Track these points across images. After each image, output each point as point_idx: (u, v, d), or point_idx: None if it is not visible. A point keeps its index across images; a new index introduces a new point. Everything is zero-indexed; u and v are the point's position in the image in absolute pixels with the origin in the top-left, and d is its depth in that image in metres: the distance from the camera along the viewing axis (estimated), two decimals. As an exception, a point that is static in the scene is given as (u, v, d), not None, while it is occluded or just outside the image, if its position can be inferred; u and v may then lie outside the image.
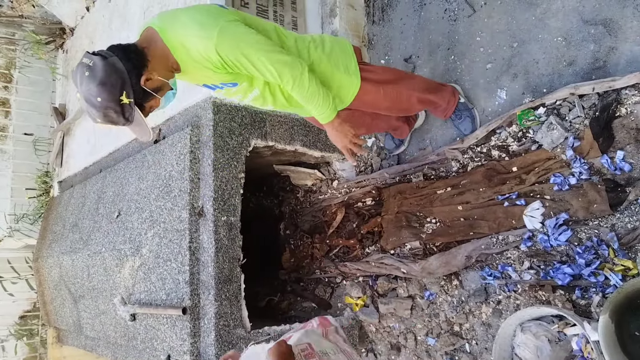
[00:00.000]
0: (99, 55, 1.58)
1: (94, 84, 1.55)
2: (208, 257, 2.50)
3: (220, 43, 1.65)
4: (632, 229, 2.11)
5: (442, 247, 2.80)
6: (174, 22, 1.70)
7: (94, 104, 1.58)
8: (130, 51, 1.65)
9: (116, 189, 3.28)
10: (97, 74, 1.55)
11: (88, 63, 1.56)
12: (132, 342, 2.89)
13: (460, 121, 2.78)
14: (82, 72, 1.57)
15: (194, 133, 2.65)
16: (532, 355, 2.18)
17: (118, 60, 1.59)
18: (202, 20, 1.68)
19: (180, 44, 1.70)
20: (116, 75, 1.57)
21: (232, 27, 1.68)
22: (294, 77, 1.78)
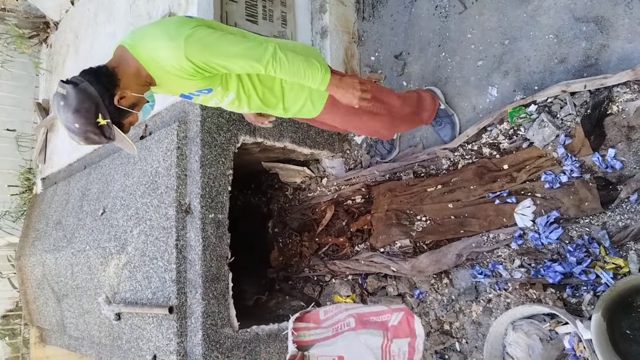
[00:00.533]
0: (71, 84, 1.63)
1: (69, 112, 1.61)
2: (195, 255, 2.45)
3: (188, 49, 1.68)
4: (623, 227, 2.11)
5: (432, 245, 2.78)
6: (143, 37, 1.74)
7: (73, 130, 1.64)
8: (101, 74, 1.69)
9: (101, 186, 3.21)
10: (71, 102, 1.60)
11: (62, 92, 1.62)
12: (117, 342, 2.83)
13: (440, 127, 2.77)
14: (57, 102, 1.63)
15: (181, 129, 2.60)
16: (524, 353, 2.16)
17: (89, 84, 1.63)
18: (168, 32, 1.71)
19: (151, 58, 1.73)
20: (89, 101, 1.62)
21: (198, 32, 1.71)
22: (271, 56, 1.78)
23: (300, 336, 1.87)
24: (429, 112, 2.68)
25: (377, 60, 3.30)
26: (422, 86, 2.99)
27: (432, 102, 2.72)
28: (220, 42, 1.74)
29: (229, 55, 1.75)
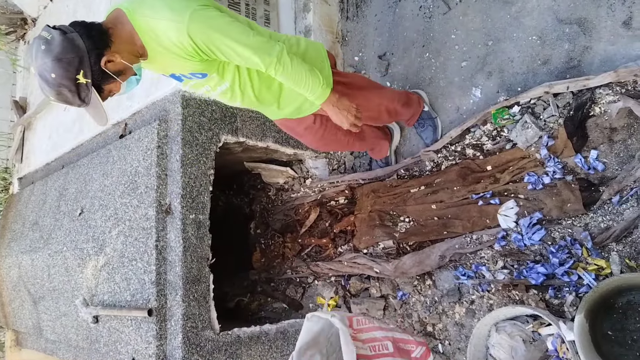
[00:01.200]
0: (58, 30, 1.48)
1: (49, 58, 1.46)
2: (175, 257, 2.40)
3: (192, 27, 1.56)
4: (605, 229, 2.12)
5: (415, 247, 2.76)
6: (143, 4, 1.60)
7: (47, 80, 1.49)
8: (93, 29, 1.55)
9: (79, 186, 3.14)
10: (53, 48, 1.46)
11: (46, 36, 1.47)
12: (95, 345, 2.76)
13: (422, 129, 2.76)
14: (38, 45, 1.47)
15: (161, 127, 2.55)
16: (507, 355, 2.16)
17: (78, 36, 1.49)
18: (172, 5, 1.58)
19: (149, 28, 1.60)
20: (74, 52, 1.48)
21: (205, 11, 1.60)
22: (276, 57, 1.70)
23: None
24: (414, 108, 2.67)
25: (361, 60, 3.28)
26: (405, 87, 2.98)
27: (417, 102, 2.71)
28: (229, 27, 1.63)
29: (234, 43, 1.64)
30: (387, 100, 2.48)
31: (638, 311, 1.90)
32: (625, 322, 1.92)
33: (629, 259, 2.02)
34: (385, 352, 1.99)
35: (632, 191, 2.05)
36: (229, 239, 3.76)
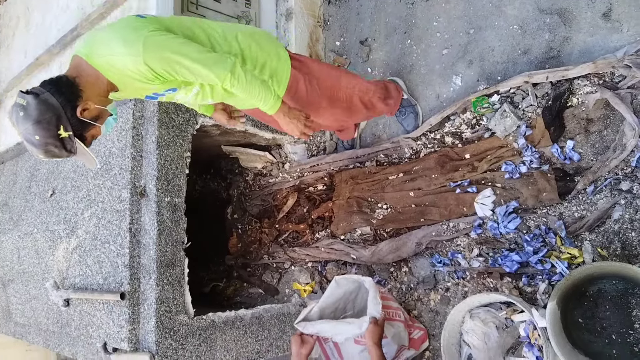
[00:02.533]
0: (31, 94, 1.56)
1: (29, 123, 1.54)
2: (150, 240, 2.36)
3: (147, 56, 1.62)
4: (579, 218, 2.15)
5: (392, 233, 2.77)
6: (97, 44, 1.67)
7: (33, 142, 1.57)
8: (62, 84, 1.63)
9: (51, 166, 3.05)
10: (31, 112, 1.54)
11: (22, 103, 1.56)
12: (66, 329, 2.71)
13: (403, 117, 2.76)
14: (17, 113, 1.56)
15: (137, 108, 2.48)
16: (480, 341, 2.18)
17: (50, 95, 1.57)
18: (124, 36, 1.64)
19: (110, 65, 1.67)
20: (50, 112, 1.56)
21: (156, 37, 1.65)
22: (230, 73, 1.77)
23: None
24: (394, 99, 2.66)
25: (343, 45, 3.25)
26: (386, 74, 2.96)
27: (396, 91, 2.70)
28: (182, 49, 1.69)
29: (188, 65, 1.70)
30: (360, 91, 2.43)
31: (608, 299, 1.94)
32: (596, 310, 1.95)
33: (601, 248, 2.06)
34: (398, 319, 2.37)
35: (606, 181, 2.08)
36: (205, 223, 3.72)
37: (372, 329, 2.01)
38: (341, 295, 2.38)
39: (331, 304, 2.37)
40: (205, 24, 1.93)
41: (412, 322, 2.53)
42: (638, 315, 1.88)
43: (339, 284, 2.33)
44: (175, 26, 1.80)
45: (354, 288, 2.35)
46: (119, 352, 2.35)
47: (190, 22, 1.88)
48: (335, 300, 2.38)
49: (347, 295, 2.39)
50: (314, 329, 2.17)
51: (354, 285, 2.34)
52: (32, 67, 3.43)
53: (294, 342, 2.20)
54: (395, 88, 2.71)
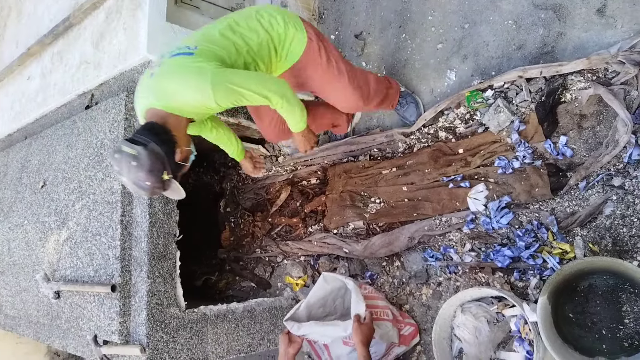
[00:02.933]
0: (140, 145, 1.73)
1: (142, 172, 1.72)
2: (141, 232, 2.34)
3: (217, 97, 1.83)
4: (571, 213, 2.15)
5: (385, 228, 2.77)
6: (168, 95, 1.87)
7: (142, 187, 1.77)
8: (161, 133, 1.82)
9: (42, 158, 3.03)
10: (143, 163, 1.72)
11: (132, 153, 1.72)
12: (56, 322, 2.69)
13: (404, 109, 2.74)
14: (128, 162, 1.72)
15: (129, 99, 2.47)
16: (471, 335, 2.19)
17: (156, 145, 1.76)
18: (191, 84, 1.83)
19: (186, 105, 1.89)
20: (159, 162, 1.76)
21: (218, 77, 1.83)
22: (283, 99, 1.98)
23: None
24: (394, 89, 2.67)
25: (337, 39, 3.24)
26: (381, 68, 2.95)
27: (395, 84, 2.69)
28: (242, 83, 1.88)
29: (250, 95, 1.91)
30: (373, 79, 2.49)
31: (599, 294, 1.94)
32: (586, 305, 1.96)
33: (592, 243, 2.07)
34: (385, 318, 2.38)
35: (599, 177, 2.09)
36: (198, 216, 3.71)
37: (356, 328, 2.03)
38: (329, 292, 2.38)
39: (319, 300, 2.37)
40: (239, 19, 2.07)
41: (403, 318, 2.53)
42: (628, 310, 1.88)
43: (327, 280, 2.34)
44: (220, 46, 1.97)
45: (343, 285, 2.36)
46: (110, 344, 2.34)
47: (230, 31, 2.02)
48: (324, 296, 2.38)
49: (335, 291, 2.40)
50: (301, 332, 2.17)
51: (341, 284, 2.36)
52: (24, 58, 3.39)
53: (281, 341, 2.21)
54: (395, 83, 2.71)
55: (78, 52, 2.91)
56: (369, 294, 2.45)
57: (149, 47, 2.41)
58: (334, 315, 2.46)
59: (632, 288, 1.88)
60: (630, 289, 1.88)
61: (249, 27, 2.05)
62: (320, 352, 2.57)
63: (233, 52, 1.99)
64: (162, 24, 2.50)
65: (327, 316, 2.45)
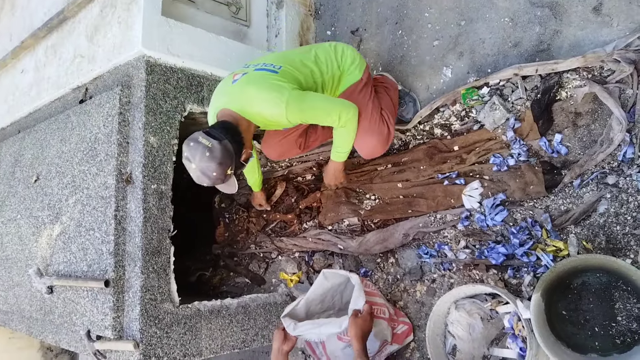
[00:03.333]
0: (216, 140, 1.93)
1: (214, 163, 1.93)
2: (135, 227, 2.33)
3: (289, 113, 2.07)
4: (565, 211, 2.16)
5: (380, 225, 2.77)
6: (245, 102, 2.12)
7: (209, 176, 1.97)
8: (234, 133, 2.04)
9: (35, 152, 3.01)
10: (216, 155, 1.93)
11: (207, 145, 1.92)
12: (49, 317, 2.68)
13: (402, 108, 2.74)
14: (202, 152, 1.92)
15: (124, 93, 2.45)
16: (465, 332, 2.20)
17: (229, 143, 1.97)
18: (268, 98, 2.08)
19: (258, 115, 2.14)
20: (229, 158, 1.97)
21: (294, 97, 2.07)
22: (347, 120, 2.22)
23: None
24: (394, 88, 2.69)
25: (333, 35, 3.23)
26: (377, 64, 2.95)
27: (394, 90, 2.68)
28: (313, 104, 2.14)
29: (318, 119, 2.20)
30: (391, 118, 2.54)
31: (592, 292, 1.95)
32: (579, 302, 1.97)
33: (586, 241, 2.07)
34: (382, 316, 2.40)
35: (593, 175, 2.09)
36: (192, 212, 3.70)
37: (352, 322, 2.03)
38: (329, 288, 2.39)
39: (318, 297, 2.38)
40: (311, 59, 2.34)
41: (398, 317, 2.53)
42: (621, 308, 1.89)
43: (327, 278, 2.35)
44: (299, 69, 2.24)
45: (343, 281, 2.37)
46: (103, 339, 2.33)
47: (303, 65, 2.29)
48: (323, 293, 2.39)
49: (334, 287, 2.40)
50: (297, 332, 2.16)
51: (342, 279, 2.35)
52: (18, 51, 3.36)
53: (276, 338, 2.21)
54: (387, 80, 2.71)
55: (72, 46, 2.89)
56: (369, 290, 2.46)
57: (143, 41, 2.39)
58: (332, 311, 2.47)
59: (625, 286, 1.89)
60: (623, 287, 1.89)
61: (326, 60, 2.36)
62: (315, 347, 2.58)
63: (310, 79, 2.28)
64: (157, 18, 2.48)
65: (325, 311, 2.46)
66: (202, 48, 2.66)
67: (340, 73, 2.40)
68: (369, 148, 2.46)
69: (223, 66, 2.74)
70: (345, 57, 2.41)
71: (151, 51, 2.44)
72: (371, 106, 2.41)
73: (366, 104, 2.39)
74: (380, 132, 2.41)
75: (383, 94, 2.59)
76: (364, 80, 2.42)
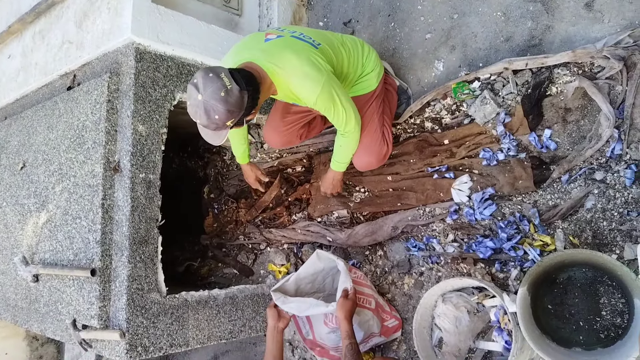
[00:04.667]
0: (237, 84, 1.79)
1: (222, 105, 1.77)
2: (123, 216, 2.31)
3: (321, 97, 2.00)
4: (553, 206, 2.17)
5: (369, 217, 2.77)
6: (282, 64, 1.97)
7: (209, 116, 1.80)
8: (256, 90, 1.90)
9: (22, 138, 2.97)
10: (230, 99, 1.78)
11: (227, 84, 1.77)
12: (35, 305, 2.66)
13: (400, 108, 2.72)
14: (218, 88, 1.76)
15: (112, 81, 2.42)
16: (451, 325, 2.21)
17: (247, 95, 1.83)
18: (308, 73, 1.97)
19: (286, 83, 2.02)
20: (239, 109, 1.83)
21: (330, 83, 2.00)
22: (357, 128, 2.20)
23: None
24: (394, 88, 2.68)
25: (326, 25, 3.21)
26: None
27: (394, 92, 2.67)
28: (342, 100, 2.06)
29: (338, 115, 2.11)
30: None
31: (577, 287, 1.97)
32: (565, 296, 1.99)
33: (573, 236, 2.09)
34: (367, 306, 2.38)
35: (581, 171, 2.11)
36: (181, 202, 3.68)
37: (342, 303, 2.04)
38: (320, 269, 2.41)
39: (309, 275, 2.41)
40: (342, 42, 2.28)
41: (391, 310, 2.53)
42: (605, 303, 1.91)
43: (320, 258, 2.38)
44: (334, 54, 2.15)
45: (335, 265, 2.38)
46: (89, 329, 2.31)
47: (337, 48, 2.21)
48: (314, 272, 2.42)
49: (326, 270, 2.42)
50: (286, 306, 2.19)
51: (334, 264, 2.36)
52: (4, 36, 3.31)
53: (270, 316, 2.22)
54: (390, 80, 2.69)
55: (60, 32, 2.85)
56: (357, 280, 2.46)
57: (133, 28, 2.36)
58: (322, 293, 2.50)
59: (610, 281, 1.91)
60: (608, 282, 1.91)
61: (354, 53, 2.29)
62: (302, 326, 2.58)
63: (339, 65, 2.20)
64: (148, 5, 2.45)
65: (315, 292, 2.49)
66: (193, 36, 2.63)
67: (361, 73, 2.35)
68: (364, 163, 2.46)
69: (214, 55, 2.71)
70: (370, 59, 2.37)
71: (141, 38, 2.40)
72: (376, 121, 2.40)
73: (372, 118, 2.38)
74: (379, 152, 2.41)
75: (385, 100, 2.57)
76: (377, 92, 2.40)
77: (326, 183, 2.58)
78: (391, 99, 2.62)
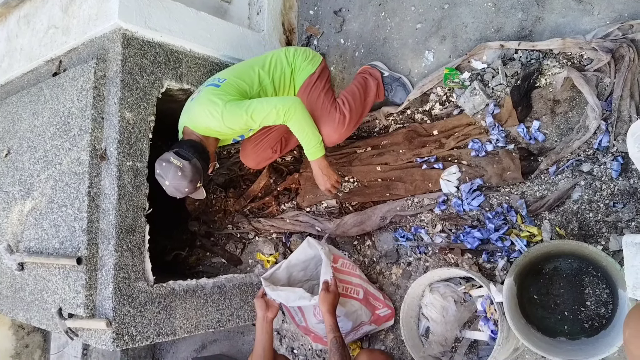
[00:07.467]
0: (185, 159, 2.18)
1: (185, 181, 2.19)
2: (109, 204, 2.29)
3: (227, 122, 2.23)
4: (540, 197, 2.18)
5: (358, 207, 2.77)
6: (194, 119, 2.32)
7: (181, 192, 2.25)
8: (201, 151, 2.28)
9: (6, 125, 2.92)
10: (187, 174, 2.18)
11: (178, 165, 2.17)
12: (20, 294, 2.63)
13: (392, 94, 2.71)
14: (174, 172, 2.17)
15: (99, 67, 2.39)
16: (438, 314, 2.22)
17: (197, 161, 2.21)
18: (207, 112, 2.24)
19: (208, 129, 2.32)
20: (199, 175, 2.23)
21: (229, 108, 2.21)
22: (290, 111, 2.24)
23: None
24: (375, 84, 2.66)
25: (316, 14, 3.18)
26: (359, 45, 2.92)
27: (375, 81, 2.66)
28: (247, 111, 2.21)
29: (257, 120, 2.25)
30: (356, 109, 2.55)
31: (563, 277, 1.99)
32: (551, 287, 2.00)
33: (559, 227, 2.10)
34: (354, 296, 2.37)
35: (568, 162, 2.12)
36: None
37: (323, 296, 2.05)
38: (312, 257, 2.42)
39: (300, 262, 2.42)
40: (261, 64, 2.46)
41: (384, 299, 2.53)
42: (590, 293, 1.93)
43: (310, 246, 2.37)
44: (244, 81, 2.36)
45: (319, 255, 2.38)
46: (75, 317, 2.30)
47: (255, 71, 2.42)
48: (306, 260, 2.42)
49: (318, 258, 2.42)
50: (275, 295, 2.20)
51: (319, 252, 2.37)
52: (-12, 20, 3.24)
53: (258, 306, 2.23)
54: (370, 74, 2.67)
55: (46, 16, 2.79)
56: (345, 269, 2.46)
57: (120, 14, 2.32)
58: (315, 281, 2.49)
59: (595, 272, 1.93)
60: (594, 273, 1.93)
61: (275, 61, 2.47)
62: (294, 314, 2.59)
63: (256, 84, 2.38)
64: (135, -10, 2.41)
65: (308, 280, 2.50)
66: (182, 23, 2.60)
67: (292, 70, 2.49)
68: (324, 136, 2.45)
69: (203, 42, 2.68)
70: (297, 55, 2.51)
71: (128, 24, 2.37)
72: (323, 97, 2.47)
73: (318, 96, 2.47)
74: (331, 120, 2.42)
75: (354, 83, 2.64)
76: (317, 74, 2.50)
77: (319, 179, 2.48)
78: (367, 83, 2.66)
